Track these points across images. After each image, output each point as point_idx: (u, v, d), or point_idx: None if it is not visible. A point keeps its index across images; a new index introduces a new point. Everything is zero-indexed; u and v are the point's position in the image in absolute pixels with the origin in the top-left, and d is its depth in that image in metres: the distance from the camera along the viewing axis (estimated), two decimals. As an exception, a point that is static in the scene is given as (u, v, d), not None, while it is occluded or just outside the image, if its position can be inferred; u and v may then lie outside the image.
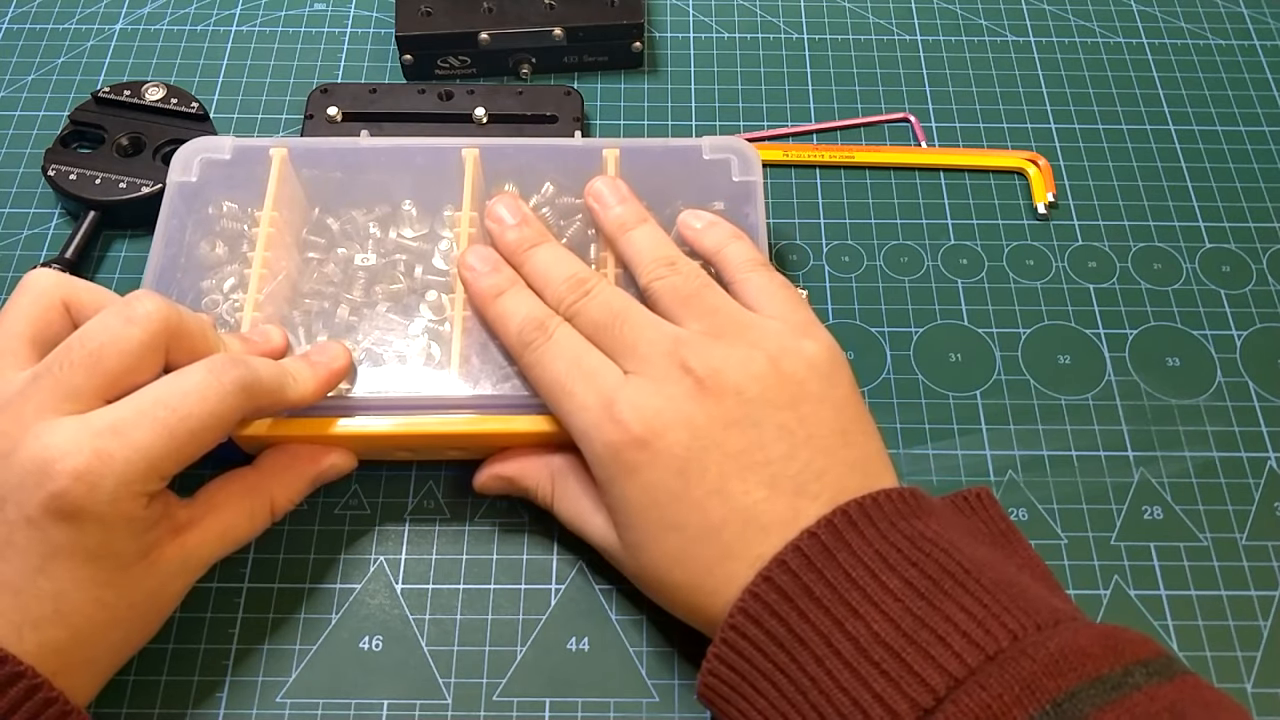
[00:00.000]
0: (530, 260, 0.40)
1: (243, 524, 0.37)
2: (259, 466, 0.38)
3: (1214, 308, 0.48)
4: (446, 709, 0.38)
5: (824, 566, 0.31)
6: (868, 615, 0.30)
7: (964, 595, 0.30)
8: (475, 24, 0.53)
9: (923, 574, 0.30)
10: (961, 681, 0.28)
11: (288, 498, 0.38)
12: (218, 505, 0.36)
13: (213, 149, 0.45)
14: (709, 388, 0.34)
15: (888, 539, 0.31)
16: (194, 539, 0.35)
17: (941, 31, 0.58)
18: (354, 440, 0.39)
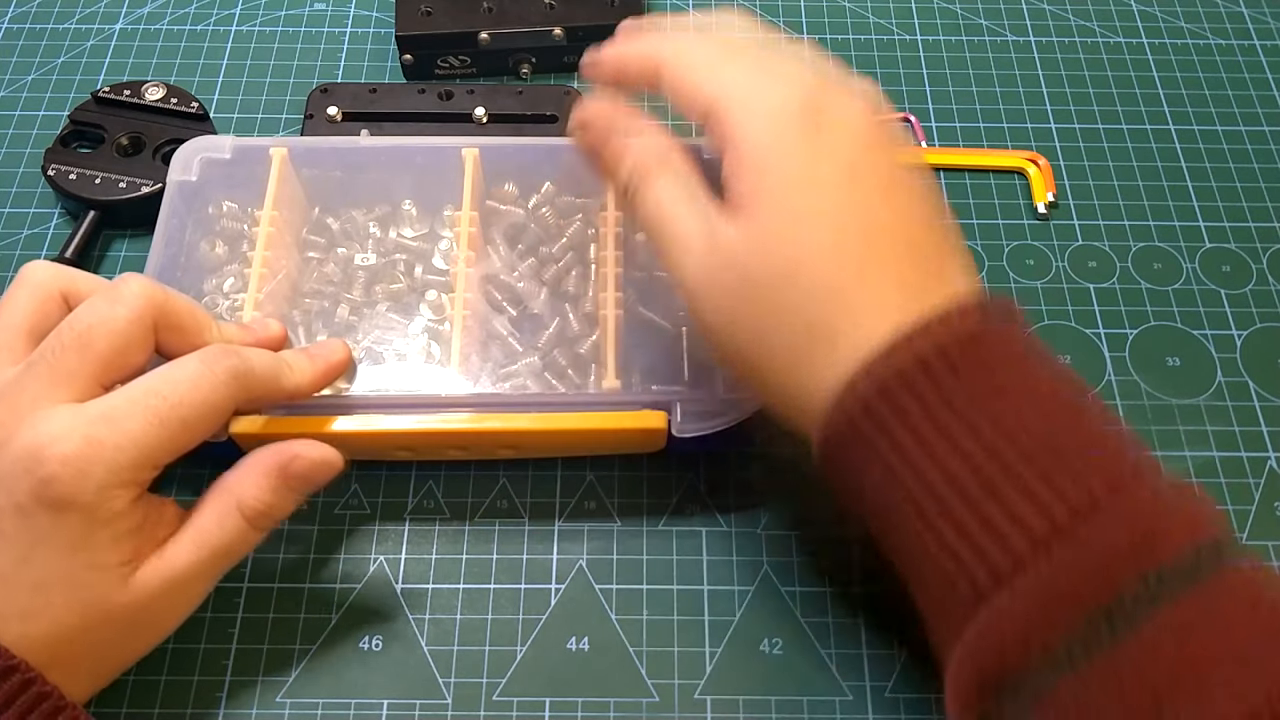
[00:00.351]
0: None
1: (212, 528, 0.34)
2: (232, 468, 0.36)
3: (1214, 308, 0.48)
4: (446, 709, 0.38)
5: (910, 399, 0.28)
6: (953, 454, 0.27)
7: (1070, 437, 0.28)
8: (475, 24, 0.53)
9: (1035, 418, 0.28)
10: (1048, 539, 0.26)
11: (254, 495, 0.34)
12: (192, 512, 0.35)
13: (213, 148, 0.45)
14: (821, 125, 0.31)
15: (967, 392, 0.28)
16: (170, 548, 0.33)
17: (941, 31, 0.58)
18: (354, 439, 0.39)
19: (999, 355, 0.29)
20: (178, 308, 0.35)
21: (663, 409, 0.39)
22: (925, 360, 0.28)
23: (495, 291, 0.44)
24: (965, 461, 0.27)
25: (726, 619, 0.40)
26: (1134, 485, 0.27)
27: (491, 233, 0.45)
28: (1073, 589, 0.26)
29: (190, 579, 0.34)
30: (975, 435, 0.28)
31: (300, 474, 0.35)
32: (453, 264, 0.43)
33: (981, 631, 0.27)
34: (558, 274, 0.44)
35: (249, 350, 0.35)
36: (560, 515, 0.42)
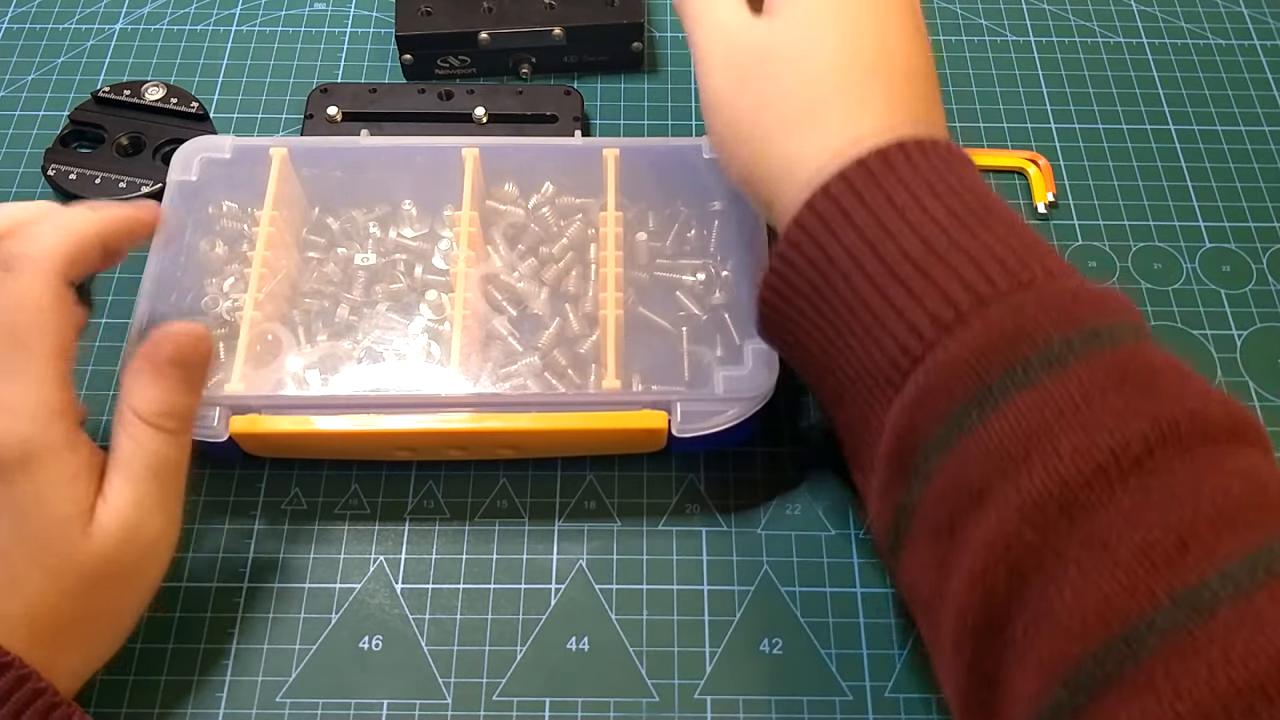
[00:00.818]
0: None
1: (131, 449, 0.33)
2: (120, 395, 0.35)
3: (1214, 308, 0.48)
4: (446, 709, 0.38)
5: (865, 191, 0.31)
6: (900, 236, 0.30)
7: (1006, 231, 0.30)
8: (475, 24, 0.53)
9: (966, 207, 0.30)
10: (987, 302, 0.28)
11: (143, 398, 0.34)
12: (109, 449, 0.34)
13: (213, 148, 0.45)
14: None
15: (940, 174, 0.31)
16: (107, 488, 0.33)
17: (941, 31, 0.58)
18: (354, 439, 0.39)
19: (958, 159, 0.32)
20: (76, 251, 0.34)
21: (663, 409, 0.39)
22: (903, 147, 0.32)
23: (495, 291, 0.44)
24: (917, 230, 0.30)
25: (726, 619, 0.40)
26: (1042, 280, 0.29)
27: (491, 233, 0.45)
28: (966, 366, 0.28)
29: (142, 512, 0.33)
30: (928, 211, 0.30)
31: (171, 358, 0.34)
32: (453, 264, 0.43)
33: (903, 402, 0.30)
34: (558, 274, 0.44)
35: (33, 231, 0.34)
36: (560, 515, 0.42)
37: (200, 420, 0.38)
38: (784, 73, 0.34)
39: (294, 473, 0.43)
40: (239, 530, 0.41)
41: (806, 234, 0.32)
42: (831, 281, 0.31)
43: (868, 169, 0.31)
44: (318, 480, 0.43)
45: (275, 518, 0.42)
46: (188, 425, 0.35)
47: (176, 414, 0.34)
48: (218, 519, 0.42)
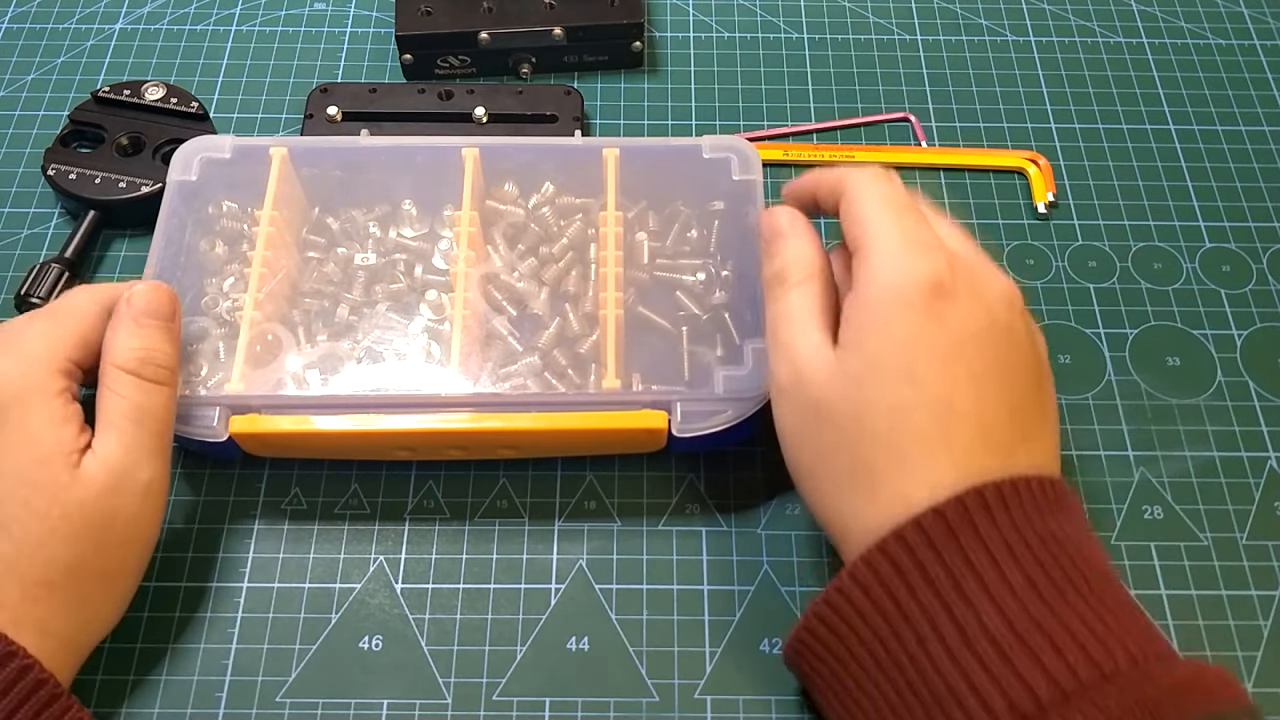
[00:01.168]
0: None
1: (113, 400, 0.35)
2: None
3: (1214, 308, 0.48)
4: (446, 709, 0.38)
5: (943, 547, 0.30)
6: (979, 605, 0.29)
7: (1086, 607, 0.29)
8: (475, 24, 0.53)
9: (1047, 575, 0.29)
10: (1069, 695, 0.27)
11: (119, 348, 0.36)
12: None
13: (213, 148, 0.45)
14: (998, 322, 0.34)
15: (1019, 530, 0.30)
16: (95, 439, 0.34)
17: (941, 31, 0.58)
18: (354, 439, 0.39)
19: (1048, 502, 0.31)
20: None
21: (663, 409, 0.39)
22: (982, 495, 0.30)
23: (495, 291, 0.44)
24: (996, 600, 0.29)
25: (726, 619, 0.40)
26: (1126, 669, 0.28)
27: (491, 233, 0.45)
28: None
29: (128, 460, 0.34)
30: (1007, 580, 0.29)
31: (145, 309, 0.37)
32: (453, 264, 0.43)
33: None
34: (558, 274, 0.44)
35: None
36: (560, 515, 0.42)
37: (200, 420, 0.38)
38: (836, 431, 0.33)
39: (294, 473, 0.43)
40: (239, 530, 0.41)
41: (878, 579, 0.30)
42: (902, 639, 0.30)
43: (945, 521, 0.30)
44: (318, 480, 0.43)
45: (275, 518, 0.42)
46: (168, 375, 0.37)
47: (155, 361, 0.36)
48: (218, 519, 0.42)
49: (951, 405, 0.32)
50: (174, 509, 0.42)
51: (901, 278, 0.33)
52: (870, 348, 0.32)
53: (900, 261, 0.33)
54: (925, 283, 0.32)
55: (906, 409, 0.32)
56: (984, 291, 0.34)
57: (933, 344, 0.32)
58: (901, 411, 0.32)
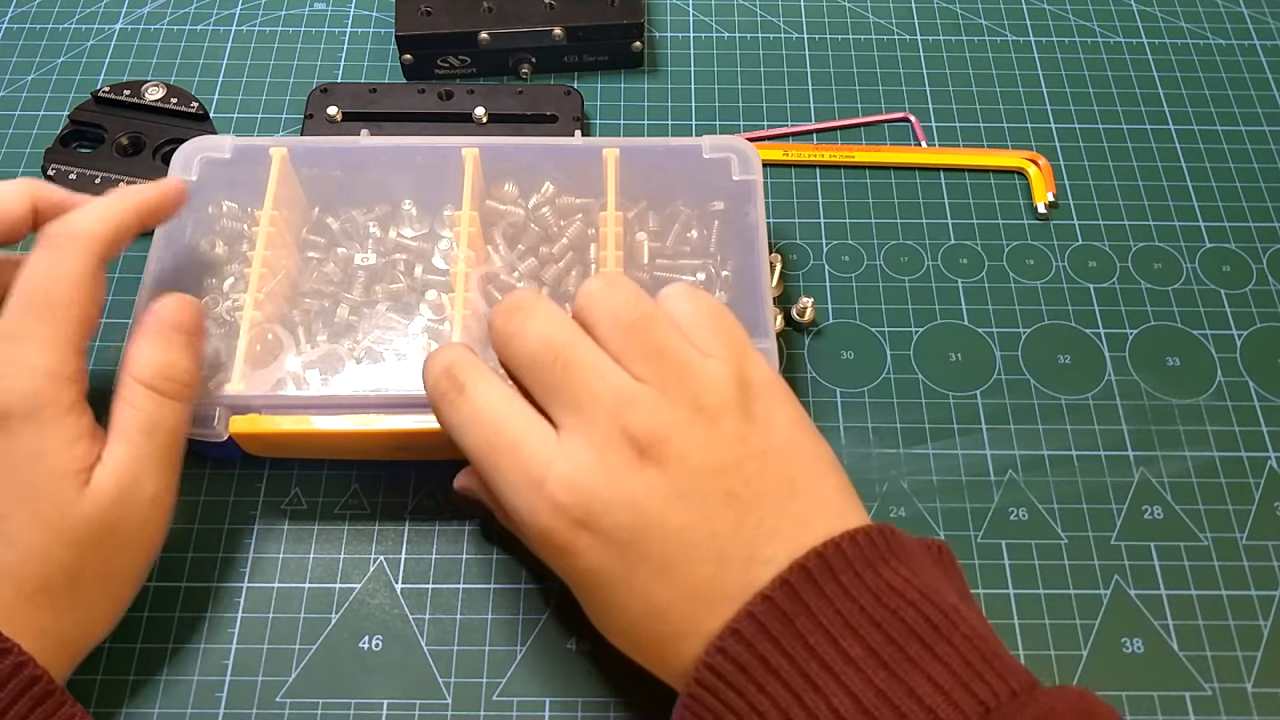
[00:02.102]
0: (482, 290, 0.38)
1: (127, 412, 0.35)
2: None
3: (1214, 308, 0.48)
4: (446, 709, 0.38)
5: (780, 634, 0.29)
6: (827, 688, 0.28)
7: (932, 662, 0.28)
8: (475, 24, 0.53)
9: (887, 638, 0.28)
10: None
11: (140, 361, 0.35)
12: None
13: (213, 148, 0.45)
14: (653, 457, 0.30)
15: (850, 595, 0.29)
16: (106, 451, 0.34)
17: (941, 31, 0.58)
18: (354, 439, 0.39)
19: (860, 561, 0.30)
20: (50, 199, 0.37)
21: (663, 409, 0.39)
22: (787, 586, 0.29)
23: (495, 291, 0.44)
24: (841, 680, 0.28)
25: (726, 619, 0.40)
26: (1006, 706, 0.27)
27: (491, 233, 0.45)
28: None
29: (137, 473, 0.34)
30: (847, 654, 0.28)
31: (173, 323, 0.36)
32: (453, 264, 0.43)
33: None
34: (558, 274, 0.44)
35: (75, 215, 0.36)
36: (560, 515, 0.42)
37: (200, 420, 0.38)
38: (622, 621, 0.32)
39: (294, 473, 0.43)
40: (239, 530, 0.41)
41: (723, 681, 0.29)
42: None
43: (775, 605, 0.29)
44: (318, 480, 0.43)
45: (275, 518, 0.42)
46: (184, 391, 0.36)
47: (173, 376, 0.36)
48: (218, 519, 0.42)
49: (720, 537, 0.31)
50: (174, 509, 0.42)
51: (534, 536, 0.32)
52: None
53: (525, 520, 0.32)
54: (547, 531, 0.31)
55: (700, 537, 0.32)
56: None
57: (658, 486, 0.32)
58: (679, 575, 0.31)
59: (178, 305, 0.37)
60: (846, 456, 0.43)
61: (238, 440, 0.39)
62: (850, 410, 0.45)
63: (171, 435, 0.36)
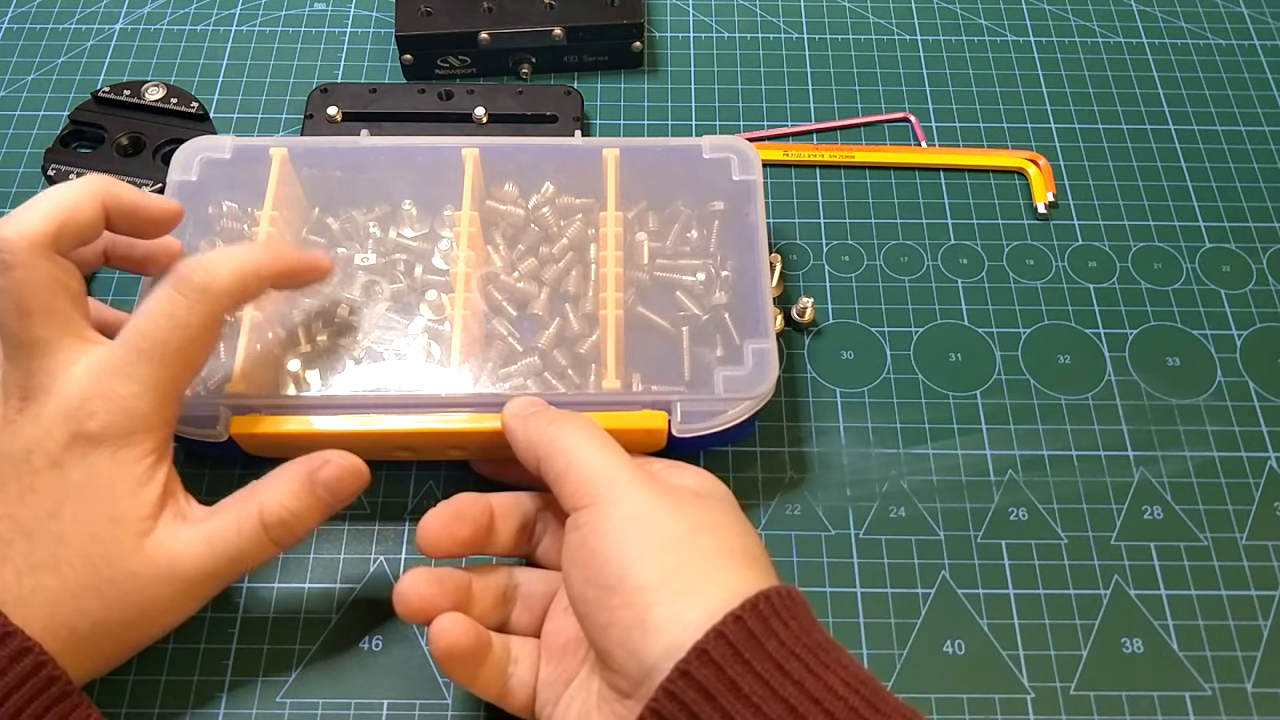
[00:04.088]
0: None
1: (230, 528, 0.34)
2: (265, 477, 0.36)
3: (1214, 308, 0.48)
4: (446, 709, 0.38)
5: (725, 663, 0.29)
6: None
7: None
8: (475, 24, 0.53)
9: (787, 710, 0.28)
10: None
11: (277, 500, 0.34)
12: (212, 510, 0.35)
13: (213, 148, 0.45)
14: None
15: (780, 640, 0.30)
16: (184, 533, 0.34)
17: (941, 31, 0.58)
18: (354, 439, 0.39)
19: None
20: (124, 203, 0.35)
21: (663, 409, 0.39)
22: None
23: (495, 291, 0.44)
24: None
25: (726, 619, 0.40)
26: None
27: (491, 233, 0.45)
28: None
29: (197, 575, 0.34)
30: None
31: (327, 481, 0.35)
32: (453, 264, 0.43)
33: None
34: (558, 274, 0.44)
35: (212, 260, 0.35)
36: (560, 515, 0.42)
37: (200, 420, 0.38)
38: (723, 515, 0.35)
39: (294, 473, 0.43)
40: (239, 530, 0.41)
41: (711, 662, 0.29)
42: None
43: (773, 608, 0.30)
44: (318, 480, 0.42)
45: (275, 518, 0.42)
46: (288, 539, 0.35)
47: (293, 531, 0.35)
48: (218, 519, 0.42)
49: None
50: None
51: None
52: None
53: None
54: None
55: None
56: None
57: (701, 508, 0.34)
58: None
59: (348, 476, 0.35)
60: (846, 456, 0.43)
61: (238, 440, 0.39)
62: (850, 410, 0.45)
63: (252, 565, 0.35)
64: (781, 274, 0.47)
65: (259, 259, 0.36)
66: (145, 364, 0.33)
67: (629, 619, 0.31)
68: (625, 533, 0.32)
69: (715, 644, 0.29)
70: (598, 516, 0.33)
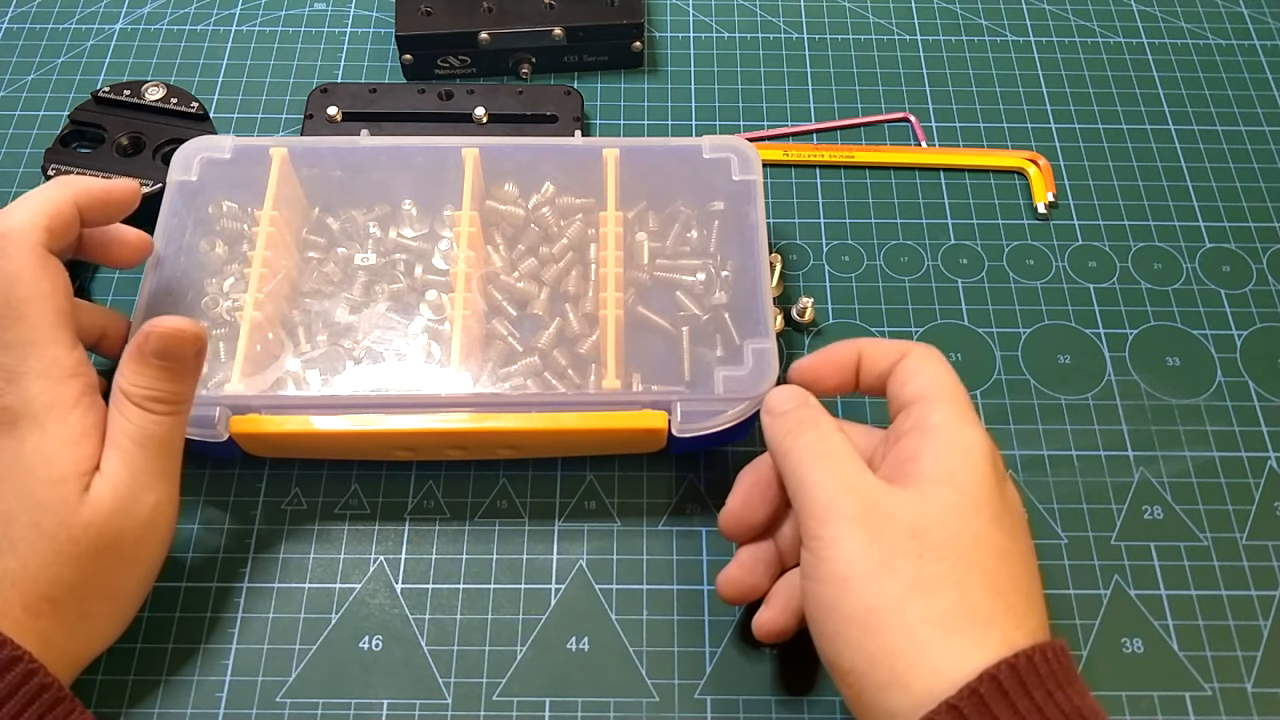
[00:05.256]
0: None
1: (120, 424, 0.34)
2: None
3: (1214, 308, 0.48)
4: (446, 709, 0.38)
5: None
6: None
7: None
8: (475, 24, 0.53)
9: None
10: None
11: (128, 380, 0.34)
12: (108, 430, 0.35)
13: (213, 148, 0.45)
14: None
15: (1042, 714, 0.28)
16: (102, 459, 0.34)
17: (941, 31, 0.58)
18: (354, 439, 0.39)
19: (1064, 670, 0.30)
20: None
21: (663, 409, 0.39)
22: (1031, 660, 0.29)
23: (495, 291, 0.44)
24: None
25: (726, 619, 0.40)
26: None
27: (491, 233, 0.45)
28: None
29: (134, 485, 0.34)
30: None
31: (156, 349, 0.34)
32: (453, 264, 0.43)
33: None
34: (558, 274, 0.44)
35: (8, 207, 0.36)
36: (560, 515, 0.42)
37: (200, 420, 0.38)
38: (945, 558, 0.30)
39: (294, 473, 0.43)
40: (239, 530, 0.41)
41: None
42: None
43: (1003, 691, 0.28)
44: (318, 480, 0.43)
45: (275, 518, 0.42)
46: (175, 409, 0.35)
47: (161, 399, 0.35)
48: (218, 519, 0.42)
49: (1028, 546, 0.33)
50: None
51: (984, 436, 0.33)
52: (968, 486, 0.32)
53: (968, 424, 0.33)
54: (996, 452, 0.33)
55: (1006, 554, 0.31)
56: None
57: (1012, 506, 0.33)
58: (1003, 555, 0.31)
59: (171, 339, 0.34)
60: (846, 456, 0.43)
61: (238, 440, 0.39)
62: (851, 410, 0.45)
63: (166, 445, 0.35)
64: (781, 274, 0.47)
65: (51, 193, 0.36)
66: (6, 328, 0.33)
67: (844, 692, 0.31)
68: (834, 600, 0.31)
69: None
70: (811, 561, 0.32)
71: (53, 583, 0.33)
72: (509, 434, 0.39)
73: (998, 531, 0.31)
